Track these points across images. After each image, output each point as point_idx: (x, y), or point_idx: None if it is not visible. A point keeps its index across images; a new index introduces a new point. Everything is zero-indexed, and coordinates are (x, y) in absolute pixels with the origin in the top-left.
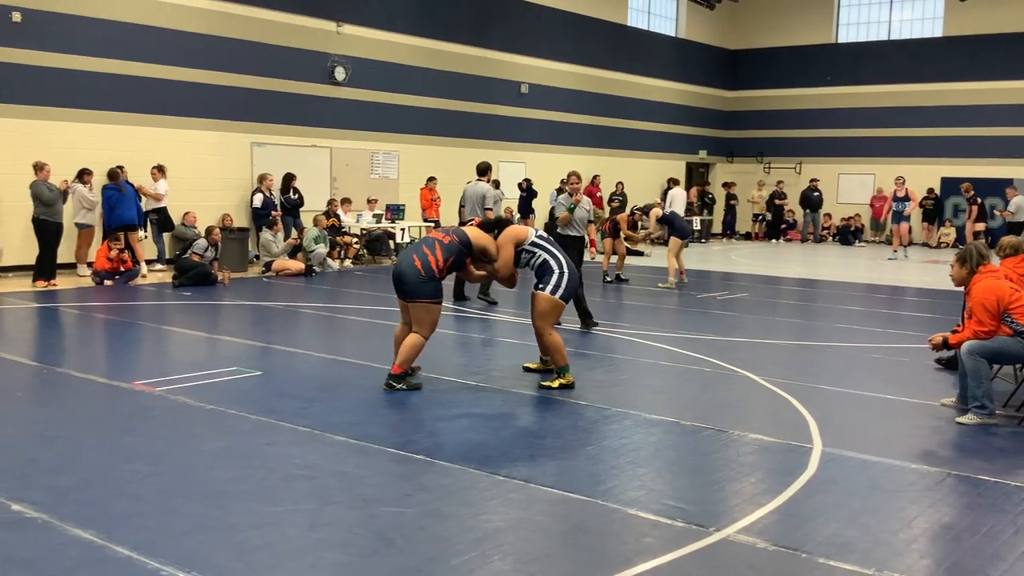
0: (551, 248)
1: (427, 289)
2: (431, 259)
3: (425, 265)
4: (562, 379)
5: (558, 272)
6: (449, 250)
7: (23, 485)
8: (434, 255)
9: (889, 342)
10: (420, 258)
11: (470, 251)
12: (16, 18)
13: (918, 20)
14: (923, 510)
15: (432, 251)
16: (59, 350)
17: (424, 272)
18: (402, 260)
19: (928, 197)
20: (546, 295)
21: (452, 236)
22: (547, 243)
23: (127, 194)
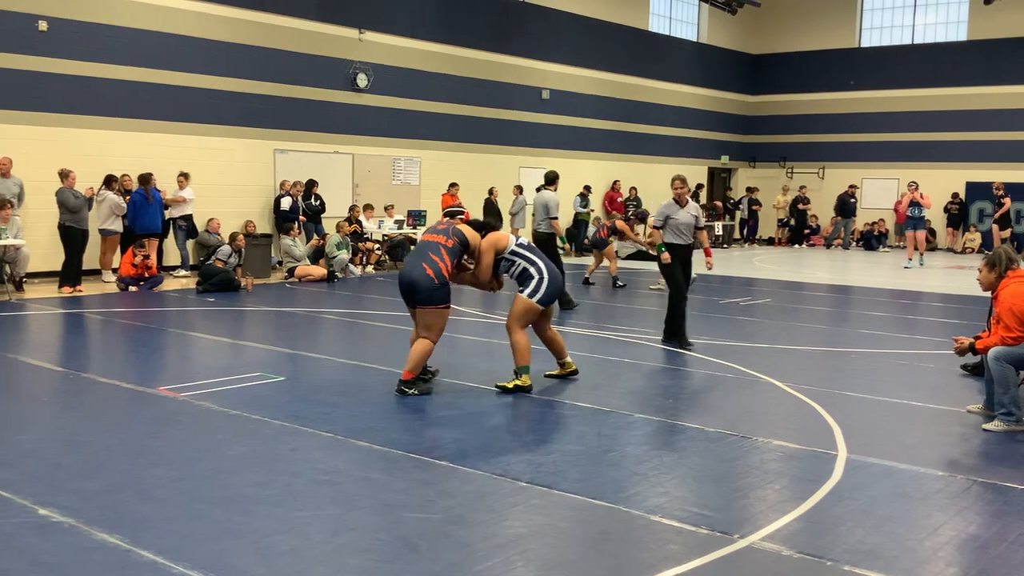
0: (531, 255)
1: (440, 295)
2: (441, 265)
3: (437, 272)
4: (518, 380)
5: (538, 278)
6: (453, 253)
7: (50, 490)
8: (443, 260)
9: (914, 348)
10: (431, 265)
11: (467, 250)
12: (42, 27)
13: (942, 24)
14: (949, 518)
15: (440, 257)
16: (84, 356)
17: (437, 279)
18: (412, 268)
19: (953, 202)
20: (523, 297)
21: (453, 238)
22: (527, 251)
23: (153, 202)
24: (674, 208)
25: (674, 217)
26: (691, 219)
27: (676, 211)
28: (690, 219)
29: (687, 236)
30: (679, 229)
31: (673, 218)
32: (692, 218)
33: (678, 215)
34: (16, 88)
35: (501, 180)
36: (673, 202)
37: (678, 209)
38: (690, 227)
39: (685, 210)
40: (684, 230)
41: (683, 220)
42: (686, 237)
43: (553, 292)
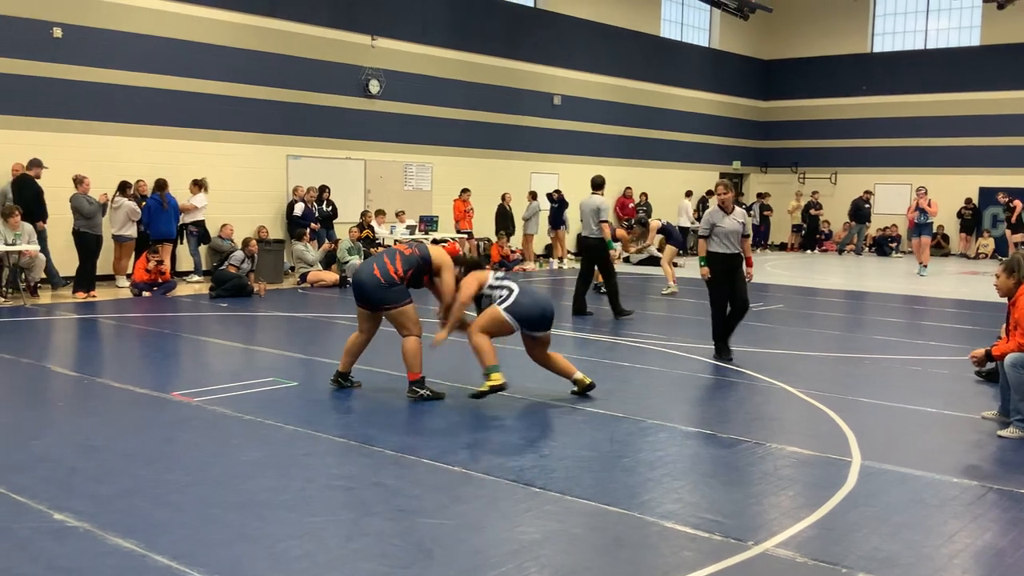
0: (509, 282)
1: (391, 295)
2: (390, 268)
3: (384, 273)
4: (490, 381)
5: (508, 292)
6: (409, 262)
7: (65, 494)
8: (393, 265)
9: (928, 354)
10: (380, 267)
11: (429, 267)
12: (57, 33)
13: (955, 29)
14: (965, 525)
15: (392, 261)
16: (99, 361)
17: (383, 279)
18: (362, 270)
19: (966, 207)
20: (494, 307)
21: (414, 249)
22: (504, 280)
23: (168, 208)
24: (719, 215)
25: (720, 225)
26: (738, 226)
27: (722, 218)
28: (737, 227)
29: (734, 244)
30: (726, 237)
31: (719, 226)
32: (739, 225)
33: (724, 223)
34: (31, 94)
35: (513, 186)
36: (718, 209)
37: (723, 216)
38: (737, 235)
39: (731, 217)
40: (732, 238)
41: (729, 228)
42: (733, 246)
43: (525, 308)
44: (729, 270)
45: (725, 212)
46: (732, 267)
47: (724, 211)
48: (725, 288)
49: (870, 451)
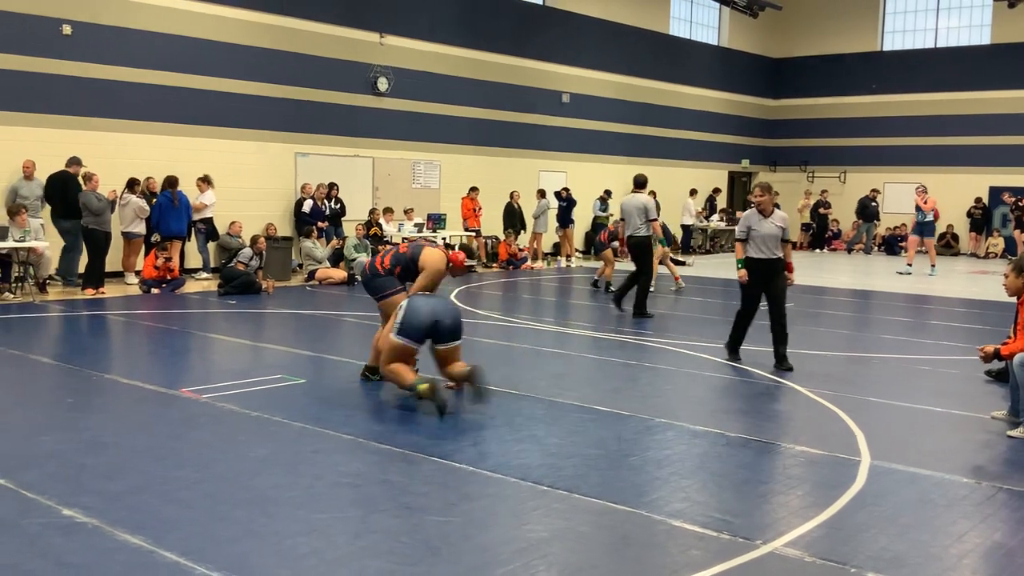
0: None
1: (377, 284)
2: (377, 260)
3: (371, 265)
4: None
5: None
6: (397, 258)
7: (74, 490)
8: (382, 259)
9: (937, 353)
10: (371, 260)
11: (415, 266)
12: (66, 31)
13: (965, 28)
14: (974, 525)
15: (383, 255)
16: (108, 357)
17: (370, 271)
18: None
19: (976, 206)
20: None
21: (408, 249)
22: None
23: (179, 206)
24: (756, 219)
25: (756, 228)
26: (777, 231)
27: (759, 222)
28: (775, 231)
29: (772, 249)
30: (763, 242)
31: (756, 230)
32: (778, 229)
33: (761, 227)
34: (40, 91)
35: (521, 184)
36: (756, 212)
37: (761, 220)
38: (775, 240)
39: (770, 221)
40: (769, 243)
41: (767, 232)
42: (771, 251)
43: (414, 324)
44: (766, 276)
45: (763, 215)
46: (770, 273)
47: (762, 214)
48: (758, 293)
49: (879, 451)
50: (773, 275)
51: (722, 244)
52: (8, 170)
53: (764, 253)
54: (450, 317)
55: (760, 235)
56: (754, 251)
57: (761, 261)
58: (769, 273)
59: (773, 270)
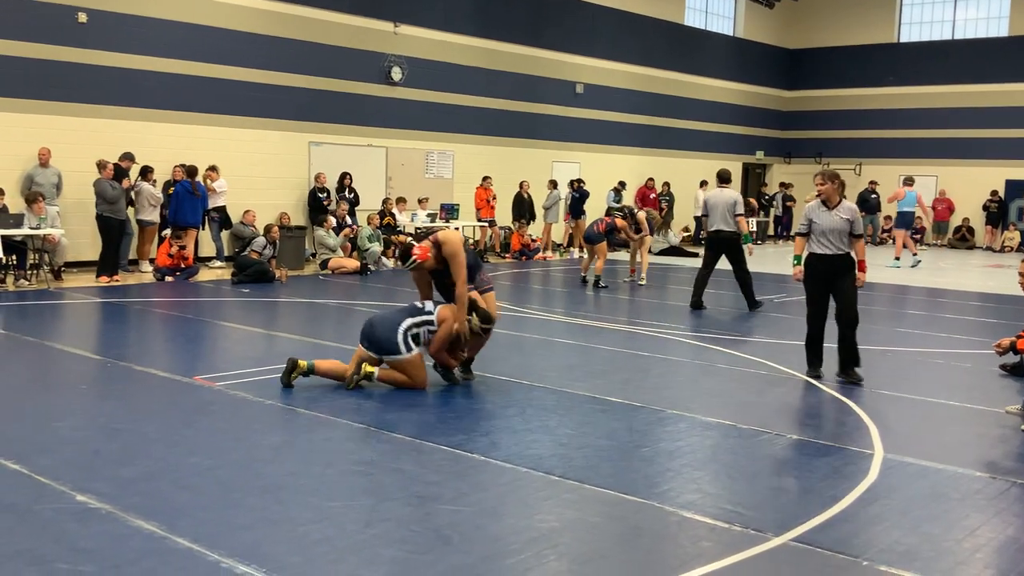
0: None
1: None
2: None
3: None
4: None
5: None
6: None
7: (88, 476)
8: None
9: (951, 347)
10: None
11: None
12: (82, 18)
13: (983, 19)
14: (988, 519)
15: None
16: (122, 344)
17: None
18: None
19: (992, 200)
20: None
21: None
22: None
23: (198, 196)
24: (818, 210)
25: (817, 221)
26: (842, 224)
27: (821, 213)
28: (840, 224)
29: (837, 244)
30: (825, 236)
31: (817, 222)
32: (843, 222)
33: (823, 219)
34: (55, 79)
35: (534, 174)
36: (820, 203)
37: (824, 211)
38: (841, 234)
39: (834, 213)
40: (833, 238)
41: (828, 225)
42: (834, 246)
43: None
44: (829, 274)
45: (827, 207)
46: (834, 271)
47: (826, 205)
48: (822, 293)
49: (892, 444)
50: (838, 274)
51: None
52: (24, 158)
53: (827, 248)
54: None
55: (822, 228)
56: (816, 246)
57: (823, 257)
58: (833, 271)
59: (838, 268)
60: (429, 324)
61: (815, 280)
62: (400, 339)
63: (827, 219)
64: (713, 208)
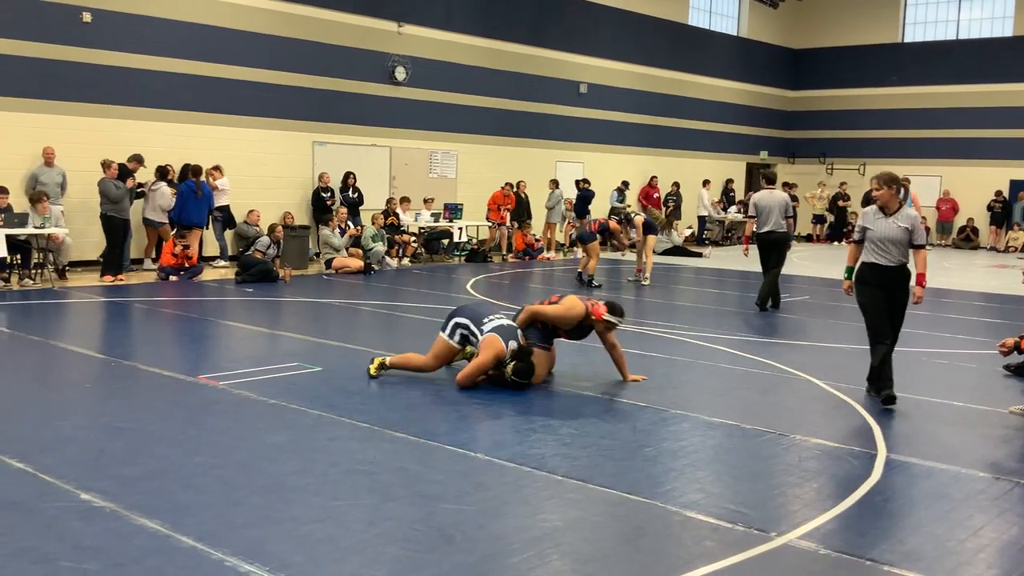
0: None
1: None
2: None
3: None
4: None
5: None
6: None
7: (92, 475)
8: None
9: (955, 347)
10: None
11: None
12: (86, 18)
13: (988, 19)
14: (991, 519)
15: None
16: (126, 344)
17: None
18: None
19: (996, 200)
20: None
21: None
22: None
23: (201, 196)
24: (873, 217)
25: (872, 228)
26: (901, 232)
27: (877, 220)
28: (897, 233)
29: (895, 255)
30: (883, 245)
31: (871, 230)
32: (902, 231)
33: (878, 226)
34: (60, 79)
35: (538, 174)
36: (876, 209)
37: (881, 218)
38: (898, 244)
39: (891, 220)
40: (889, 247)
41: (884, 234)
42: (893, 256)
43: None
44: (884, 288)
45: (884, 213)
46: (890, 284)
47: (883, 212)
48: (878, 305)
49: (895, 444)
50: (894, 287)
51: (738, 236)
52: (29, 157)
53: (884, 259)
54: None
55: (878, 236)
56: (871, 255)
57: (879, 268)
58: (889, 284)
59: (894, 280)
60: (473, 337)
61: (870, 292)
62: (450, 324)
63: (883, 227)
64: (766, 209)
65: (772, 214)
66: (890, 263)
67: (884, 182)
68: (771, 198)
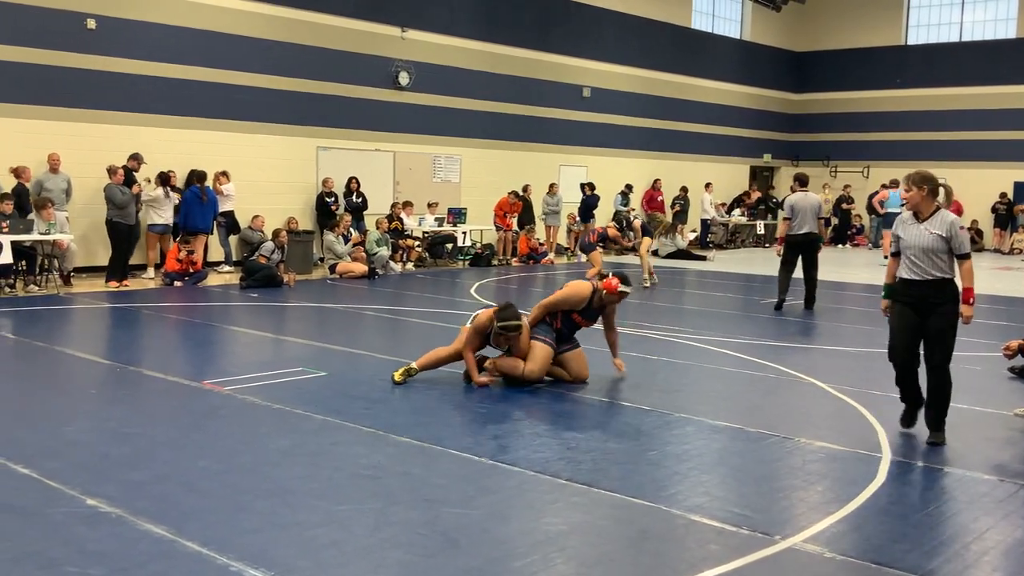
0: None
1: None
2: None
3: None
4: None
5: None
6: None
7: (98, 480)
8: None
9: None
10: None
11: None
12: (91, 25)
13: (991, 21)
14: (996, 522)
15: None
16: (131, 349)
17: None
18: None
19: (1001, 202)
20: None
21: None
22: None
23: (207, 201)
24: (907, 224)
25: (905, 236)
26: (934, 241)
27: (909, 227)
28: (931, 241)
29: (928, 268)
30: (916, 256)
31: (903, 238)
32: (937, 240)
33: (910, 233)
34: (65, 85)
35: (541, 178)
36: (909, 215)
37: (912, 224)
38: (935, 254)
39: (924, 226)
40: (921, 258)
41: (914, 241)
42: (926, 269)
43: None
44: (917, 307)
45: (917, 219)
46: (923, 302)
47: (916, 217)
48: (905, 331)
49: (900, 447)
50: (927, 306)
51: (743, 239)
52: (33, 163)
53: (915, 272)
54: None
55: (909, 246)
56: (903, 269)
57: (910, 283)
58: (922, 301)
59: (926, 298)
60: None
61: (898, 310)
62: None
63: (914, 235)
64: (803, 211)
65: (808, 216)
66: (923, 277)
67: (914, 182)
68: (806, 200)
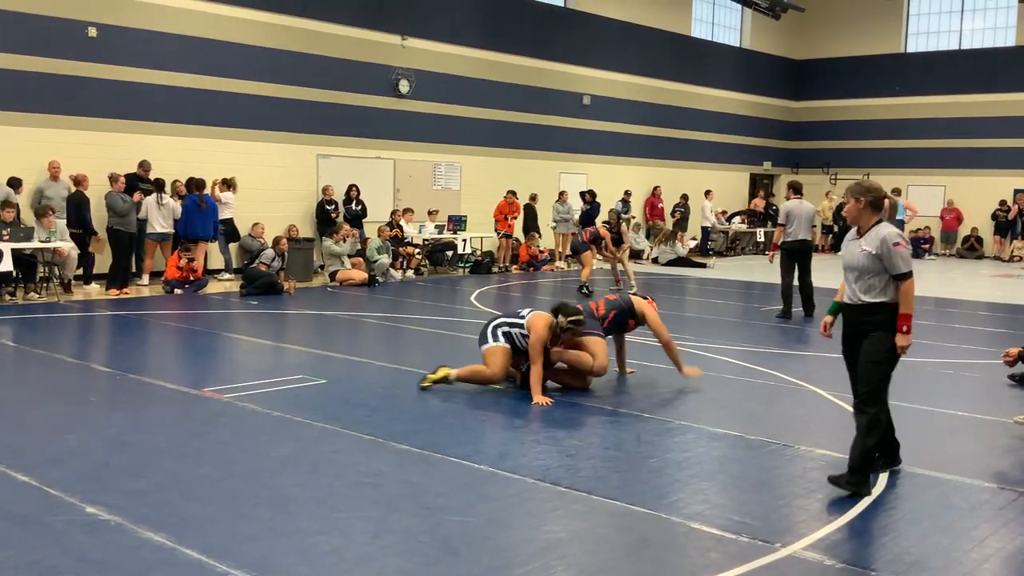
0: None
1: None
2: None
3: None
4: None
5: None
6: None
7: (97, 488)
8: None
9: (960, 357)
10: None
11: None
12: (92, 33)
13: (990, 29)
14: (996, 529)
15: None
16: (131, 357)
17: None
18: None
19: (1001, 209)
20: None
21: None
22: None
23: (206, 209)
24: (848, 240)
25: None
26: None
27: (848, 244)
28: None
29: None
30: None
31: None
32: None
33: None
34: (66, 93)
35: (542, 186)
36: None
37: (851, 240)
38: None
39: (858, 242)
40: (852, 279)
41: (847, 260)
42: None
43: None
44: (850, 334)
45: (857, 234)
46: (854, 329)
47: (857, 232)
48: (846, 349)
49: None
50: (860, 332)
51: (743, 247)
52: (34, 171)
53: (848, 295)
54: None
55: (844, 265)
56: (844, 291)
57: (846, 308)
58: (853, 329)
59: (858, 324)
60: (520, 327)
61: (843, 340)
62: (489, 331)
63: (849, 252)
64: (798, 218)
65: (802, 223)
66: (852, 300)
67: (852, 193)
68: (800, 208)
